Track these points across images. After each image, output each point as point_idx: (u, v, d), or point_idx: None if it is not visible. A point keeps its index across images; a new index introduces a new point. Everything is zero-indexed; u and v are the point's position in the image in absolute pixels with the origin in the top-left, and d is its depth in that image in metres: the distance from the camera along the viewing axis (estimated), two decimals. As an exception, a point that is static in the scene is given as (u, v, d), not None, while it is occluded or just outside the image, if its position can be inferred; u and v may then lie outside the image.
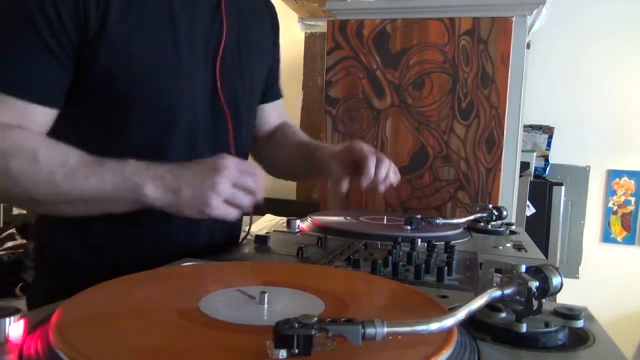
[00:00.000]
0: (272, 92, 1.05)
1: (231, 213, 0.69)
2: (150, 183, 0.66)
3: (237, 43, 0.86)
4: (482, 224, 1.07)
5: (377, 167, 0.87)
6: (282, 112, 1.11)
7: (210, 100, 0.82)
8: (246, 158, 0.97)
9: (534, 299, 0.44)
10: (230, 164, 0.69)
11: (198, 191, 0.67)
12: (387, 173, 0.88)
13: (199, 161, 0.70)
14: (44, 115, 0.70)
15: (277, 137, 1.07)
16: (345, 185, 0.88)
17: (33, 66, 0.68)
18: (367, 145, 0.90)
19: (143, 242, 0.80)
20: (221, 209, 0.68)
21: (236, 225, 0.93)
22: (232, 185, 0.68)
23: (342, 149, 0.91)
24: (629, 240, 2.93)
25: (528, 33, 1.35)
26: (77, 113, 0.74)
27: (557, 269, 0.47)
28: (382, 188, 0.88)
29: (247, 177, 0.70)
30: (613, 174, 2.94)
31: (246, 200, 0.70)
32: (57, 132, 0.72)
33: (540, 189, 2.40)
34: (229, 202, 0.69)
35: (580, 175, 2.94)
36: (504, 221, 1.10)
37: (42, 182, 0.65)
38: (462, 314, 0.41)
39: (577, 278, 2.88)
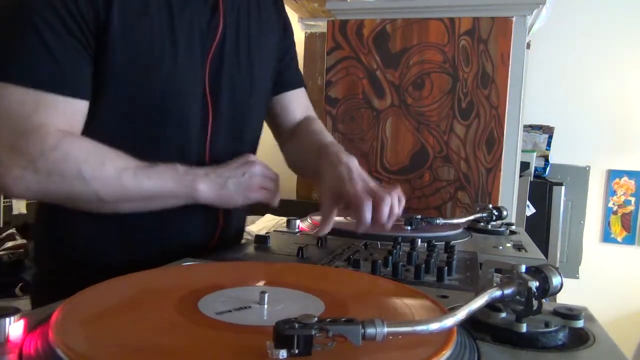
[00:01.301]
0: (286, 80, 1.02)
1: (268, 197, 0.85)
2: (201, 180, 0.77)
3: (235, 44, 0.86)
4: (482, 224, 1.07)
5: (376, 209, 0.77)
6: (306, 103, 1.07)
7: (201, 99, 0.83)
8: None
9: (534, 299, 0.44)
10: (256, 159, 0.85)
11: (242, 179, 0.81)
12: (391, 210, 0.79)
13: (230, 162, 0.83)
14: (83, 108, 0.75)
15: (298, 132, 1.03)
16: (326, 229, 0.84)
17: (67, 63, 0.71)
18: (363, 183, 0.80)
19: (150, 241, 0.83)
20: (261, 193, 0.84)
21: (239, 225, 0.94)
22: (262, 175, 0.84)
23: (337, 190, 0.82)
24: (629, 240, 2.93)
25: (528, 33, 1.35)
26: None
27: (557, 269, 0.47)
28: (388, 227, 0.80)
29: (270, 171, 0.86)
30: (613, 174, 2.94)
31: (273, 189, 0.86)
32: None
33: (540, 189, 2.40)
34: (263, 188, 0.84)
35: (580, 175, 2.94)
36: (504, 221, 1.10)
37: (110, 184, 0.73)
38: (462, 314, 0.41)
39: (577, 278, 2.88)
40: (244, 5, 0.88)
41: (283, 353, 0.34)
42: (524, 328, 0.44)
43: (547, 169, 2.73)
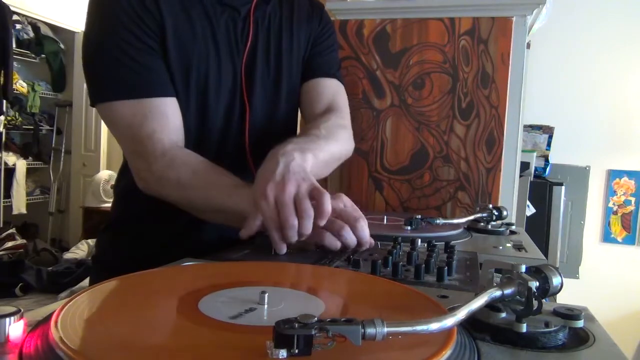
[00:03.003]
0: (312, 68, 1.04)
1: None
2: None
3: (266, 48, 0.96)
4: (482, 224, 1.07)
5: (282, 231, 0.70)
6: (331, 93, 1.05)
7: (240, 94, 0.93)
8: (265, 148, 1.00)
9: (534, 299, 0.44)
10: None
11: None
12: (300, 233, 0.70)
13: None
14: (176, 105, 0.86)
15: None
16: (245, 232, 0.75)
17: (157, 69, 0.84)
18: (278, 189, 0.70)
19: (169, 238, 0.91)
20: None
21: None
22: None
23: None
24: (629, 240, 2.93)
25: (528, 33, 1.35)
26: None
27: (557, 269, 0.47)
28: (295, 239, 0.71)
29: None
30: (613, 174, 2.94)
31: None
32: None
33: (540, 189, 2.40)
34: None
35: (580, 175, 2.94)
36: (504, 221, 1.09)
37: (199, 193, 0.81)
38: (462, 314, 0.41)
39: (577, 278, 2.89)
40: (276, 13, 0.98)
41: (283, 353, 0.34)
42: (524, 328, 0.44)
43: (547, 169, 2.74)
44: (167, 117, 0.84)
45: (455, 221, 1.04)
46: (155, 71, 0.84)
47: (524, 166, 2.28)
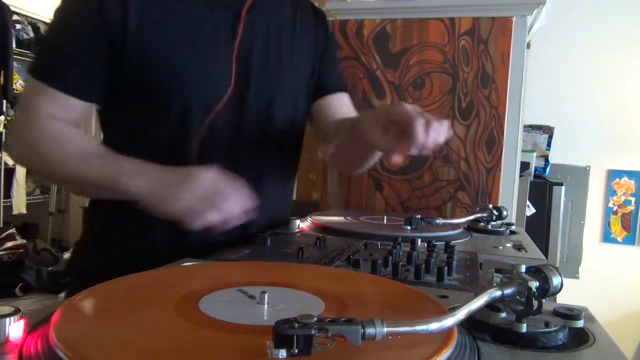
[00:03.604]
0: (322, 85, 1.05)
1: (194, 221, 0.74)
2: (128, 179, 0.76)
3: (265, 47, 0.93)
4: (482, 224, 1.07)
5: (428, 125, 0.76)
6: (347, 108, 1.07)
7: (235, 96, 0.88)
8: (272, 159, 0.98)
9: (534, 299, 0.44)
10: (206, 180, 0.75)
11: (168, 193, 0.75)
12: (437, 136, 0.76)
13: (185, 168, 0.78)
14: (81, 107, 0.84)
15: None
16: (398, 159, 0.76)
17: (77, 64, 0.82)
18: (411, 106, 0.78)
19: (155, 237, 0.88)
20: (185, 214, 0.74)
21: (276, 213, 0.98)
22: (201, 199, 0.74)
23: (382, 117, 0.78)
24: (629, 240, 2.93)
25: (528, 33, 1.35)
26: (117, 105, 0.87)
27: (557, 269, 0.47)
28: (429, 150, 0.77)
29: (219, 198, 0.74)
30: (613, 174, 2.94)
31: (215, 217, 0.74)
32: (104, 121, 0.90)
33: (540, 189, 2.40)
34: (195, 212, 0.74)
35: (580, 175, 2.94)
36: (504, 221, 1.10)
37: (60, 162, 0.80)
38: (462, 314, 0.41)
39: (577, 278, 2.88)
40: (276, 14, 0.95)
41: (283, 353, 0.34)
42: (524, 328, 0.44)
43: (547, 169, 2.73)
44: (60, 107, 0.82)
45: (455, 221, 1.04)
46: (83, 68, 0.82)
47: (524, 166, 2.28)
